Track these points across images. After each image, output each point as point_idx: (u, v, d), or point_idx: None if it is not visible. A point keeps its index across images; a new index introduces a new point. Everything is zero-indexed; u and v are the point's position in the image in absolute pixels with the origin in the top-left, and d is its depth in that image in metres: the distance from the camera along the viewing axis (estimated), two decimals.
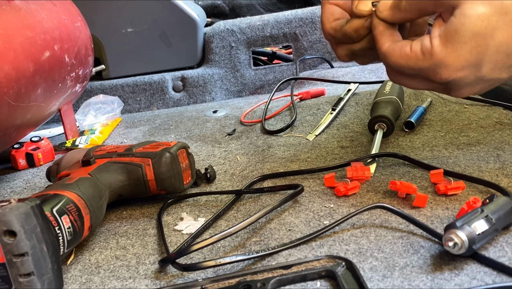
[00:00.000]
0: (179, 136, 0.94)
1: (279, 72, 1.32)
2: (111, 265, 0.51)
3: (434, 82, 0.48)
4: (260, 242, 0.51)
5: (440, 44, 0.45)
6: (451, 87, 0.48)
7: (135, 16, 1.26)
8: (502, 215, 0.44)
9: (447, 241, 0.41)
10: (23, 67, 0.70)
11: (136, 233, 0.58)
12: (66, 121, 0.97)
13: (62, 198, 0.50)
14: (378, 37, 0.50)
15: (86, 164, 0.62)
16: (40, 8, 0.81)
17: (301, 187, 0.58)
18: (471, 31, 0.43)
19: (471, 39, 0.43)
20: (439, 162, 0.64)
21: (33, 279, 0.40)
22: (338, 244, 0.48)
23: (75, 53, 0.89)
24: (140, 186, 0.61)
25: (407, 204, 0.54)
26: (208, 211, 0.61)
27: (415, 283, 0.41)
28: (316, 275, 0.43)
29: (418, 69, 0.47)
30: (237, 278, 0.43)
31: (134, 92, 1.30)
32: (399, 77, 0.51)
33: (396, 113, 0.76)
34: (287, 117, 0.92)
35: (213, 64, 1.31)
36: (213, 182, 0.69)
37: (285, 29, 1.30)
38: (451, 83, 0.47)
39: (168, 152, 0.61)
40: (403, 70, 0.49)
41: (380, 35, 0.50)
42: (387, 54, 0.49)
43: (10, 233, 0.40)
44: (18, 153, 0.87)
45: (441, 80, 0.46)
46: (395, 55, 0.48)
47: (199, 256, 0.50)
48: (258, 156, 0.76)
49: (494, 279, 0.40)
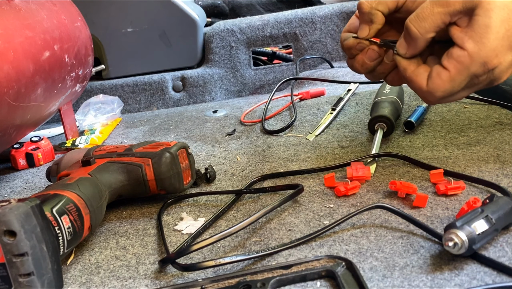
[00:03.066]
0: (179, 136, 0.94)
1: (279, 72, 1.32)
2: (111, 265, 0.51)
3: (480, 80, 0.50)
4: (260, 242, 0.51)
5: (474, 43, 0.48)
6: (496, 76, 0.50)
7: (135, 16, 1.26)
8: (502, 215, 0.44)
9: (447, 241, 0.41)
10: (23, 67, 0.70)
11: (136, 233, 0.58)
12: (66, 121, 0.97)
13: (62, 198, 0.50)
14: (414, 77, 0.53)
15: (86, 164, 0.62)
16: (40, 8, 0.81)
17: (301, 186, 0.58)
18: (499, 20, 0.47)
19: (500, 27, 0.47)
20: (439, 162, 0.64)
21: (33, 279, 0.40)
22: (338, 244, 0.48)
23: (75, 53, 0.88)
24: (140, 186, 0.61)
25: (407, 204, 0.54)
26: (208, 211, 0.61)
27: (415, 283, 0.41)
28: (316, 275, 0.43)
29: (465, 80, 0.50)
30: (237, 278, 0.43)
31: (134, 92, 1.30)
32: (445, 100, 0.54)
33: (396, 113, 0.76)
34: (287, 117, 0.92)
35: (213, 64, 1.31)
36: (213, 182, 0.69)
37: (285, 29, 1.30)
38: (496, 71, 0.49)
39: (168, 152, 0.61)
40: (449, 93, 0.51)
41: (415, 76, 0.53)
42: (432, 91, 0.52)
43: (10, 233, 0.40)
44: (18, 153, 0.87)
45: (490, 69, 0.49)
46: (438, 89, 0.51)
47: (199, 256, 0.50)
48: (258, 156, 0.76)
49: (494, 279, 0.40)
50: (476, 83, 0.51)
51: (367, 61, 0.57)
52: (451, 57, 0.50)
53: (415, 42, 0.52)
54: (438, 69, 0.51)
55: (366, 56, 0.57)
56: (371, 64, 0.57)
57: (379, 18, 0.56)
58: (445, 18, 0.50)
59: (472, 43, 0.48)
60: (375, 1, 0.55)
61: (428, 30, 0.51)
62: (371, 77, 0.60)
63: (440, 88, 0.51)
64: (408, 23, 0.52)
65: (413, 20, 0.51)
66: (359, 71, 0.59)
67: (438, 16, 0.50)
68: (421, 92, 0.53)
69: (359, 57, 0.58)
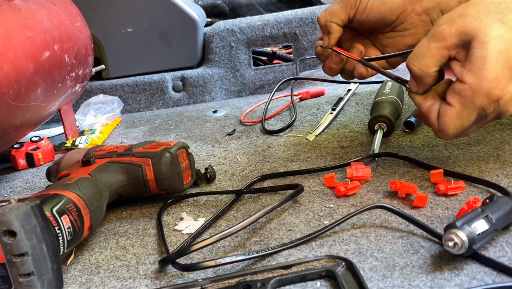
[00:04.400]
0: (179, 136, 0.94)
1: (279, 72, 1.32)
2: (111, 265, 0.51)
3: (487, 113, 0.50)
4: (260, 242, 0.51)
5: (474, 76, 0.48)
6: (503, 109, 0.50)
7: (135, 16, 1.26)
8: (502, 215, 0.44)
9: (447, 241, 0.41)
10: (23, 67, 0.70)
11: (136, 233, 0.58)
12: (66, 121, 0.97)
13: (62, 198, 0.50)
14: (428, 114, 0.54)
15: (86, 164, 0.62)
16: (40, 8, 0.81)
17: (301, 186, 0.58)
18: (496, 51, 0.47)
19: (499, 58, 0.47)
20: (439, 162, 0.64)
21: (33, 279, 0.40)
22: (338, 244, 0.48)
23: (75, 53, 0.88)
24: (140, 186, 0.61)
25: (407, 204, 0.54)
26: (208, 211, 0.61)
27: (415, 283, 0.41)
28: (316, 275, 0.43)
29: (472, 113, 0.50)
30: (237, 278, 0.43)
31: (134, 92, 1.30)
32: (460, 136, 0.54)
33: (396, 113, 0.76)
34: (287, 117, 0.92)
35: (213, 64, 1.31)
36: (213, 182, 0.69)
37: (285, 29, 1.30)
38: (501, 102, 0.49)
39: (168, 152, 0.61)
40: (460, 129, 0.52)
41: (429, 112, 0.54)
42: (443, 129, 0.52)
43: (10, 233, 0.40)
44: (18, 153, 0.87)
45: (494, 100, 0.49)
46: (449, 127, 0.52)
47: (199, 256, 0.50)
48: (258, 156, 0.76)
49: (494, 279, 0.40)
50: (484, 116, 0.50)
51: (333, 66, 0.65)
52: (454, 92, 0.50)
53: (422, 79, 0.53)
54: (444, 107, 0.52)
55: (332, 61, 0.65)
56: (337, 68, 0.65)
57: (335, 29, 0.63)
58: (443, 52, 0.50)
59: (471, 76, 0.48)
60: (330, 15, 0.62)
61: (428, 66, 0.51)
62: (344, 76, 0.67)
63: (450, 125, 0.51)
64: (408, 63, 0.53)
65: (412, 59, 0.53)
66: (329, 74, 0.67)
67: (435, 51, 0.51)
68: (434, 130, 0.54)
69: (327, 63, 0.66)
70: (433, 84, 0.54)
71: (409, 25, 0.62)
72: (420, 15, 0.61)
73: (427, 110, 0.54)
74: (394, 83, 0.83)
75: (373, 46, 0.66)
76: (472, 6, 0.49)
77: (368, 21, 0.62)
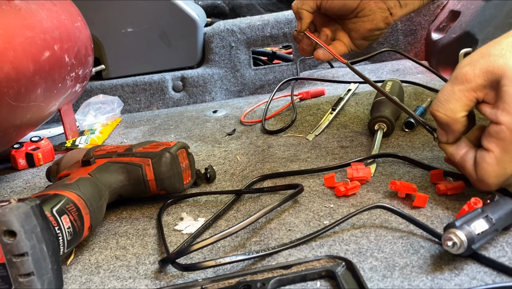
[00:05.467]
0: (179, 136, 0.94)
1: (279, 72, 1.32)
2: (111, 265, 0.51)
3: None
4: (260, 242, 0.51)
5: (509, 115, 0.45)
6: None
7: (135, 16, 1.26)
8: (502, 215, 0.44)
9: (446, 241, 0.41)
10: (23, 67, 0.70)
11: (136, 233, 0.58)
12: (66, 121, 0.97)
13: (62, 198, 0.50)
14: (463, 164, 0.50)
15: (86, 164, 0.62)
16: (40, 8, 0.81)
17: (301, 186, 0.58)
18: None
19: None
20: (439, 162, 0.64)
21: (33, 279, 0.40)
22: (338, 244, 0.48)
23: (75, 53, 0.88)
24: (140, 186, 0.61)
25: (407, 204, 0.54)
26: (208, 211, 0.61)
27: (415, 283, 0.41)
28: (316, 275, 0.43)
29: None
30: (237, 278, 0.43)
31: (134, 92, 1.30)
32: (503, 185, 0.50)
33: (396, 113, 0.76)
34: (287, 117, 0.92)
35: (213, 64, 1.31)
36: (213, 182, 0.69)
37: (285, 29, 1.30)
38: None
39: (168, 152, 0.61)
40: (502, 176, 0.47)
41: (464, 162, 0.50)
42: (482, 179, 0.48)
43: (10, 233, 0.40)
44: (18, 153, 0.87)
45: None
46: (489, 175, 0.47)
47: (199, 256, 0.50)
48: (258, 156, 0.76)
49: (494, 279, 0.40)
50: None
51: (305, 47, 0.75)
52: (490, 136, 0.47)
53: (450, 126, 0.50)
54: (481, 154, 0.48)
55: (304, 43, 0.75)
56: (308, 49, 0.75)
57: (305, 15, 0.72)
58: (469, 95, 0.47)
59: (507, 115, 0.45)
60: (301, 2, 0.72)
61: (455, 111, 0.48)
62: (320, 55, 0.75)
63: (490, 173, 0.47)
64: (432, 111, 0.50)
65: (436, 105, 0.49)
66: (303, 54, 0.77)
67: (460, 94, 0.48)
68: (472, 181, 0.50)
69: (300, 45, 0.76)
70: (464, 131, 0.50)
71: (368, 11, 0.70)
72: (377, 2, 0.70)
73: (461, 160, 0.50)
74: (394, 83, 0.84)
75: (342, 30, 0.75)
76: (494, 45, 0.47)
77: (332, 8, 0.71)
